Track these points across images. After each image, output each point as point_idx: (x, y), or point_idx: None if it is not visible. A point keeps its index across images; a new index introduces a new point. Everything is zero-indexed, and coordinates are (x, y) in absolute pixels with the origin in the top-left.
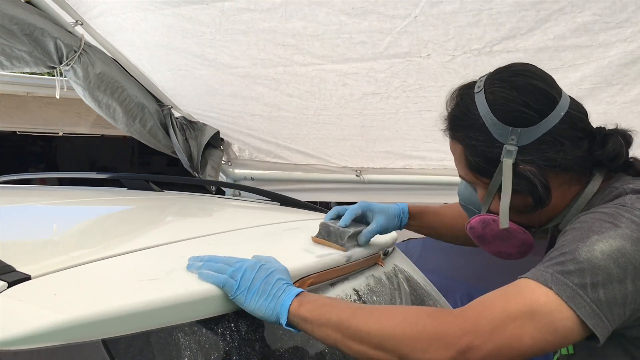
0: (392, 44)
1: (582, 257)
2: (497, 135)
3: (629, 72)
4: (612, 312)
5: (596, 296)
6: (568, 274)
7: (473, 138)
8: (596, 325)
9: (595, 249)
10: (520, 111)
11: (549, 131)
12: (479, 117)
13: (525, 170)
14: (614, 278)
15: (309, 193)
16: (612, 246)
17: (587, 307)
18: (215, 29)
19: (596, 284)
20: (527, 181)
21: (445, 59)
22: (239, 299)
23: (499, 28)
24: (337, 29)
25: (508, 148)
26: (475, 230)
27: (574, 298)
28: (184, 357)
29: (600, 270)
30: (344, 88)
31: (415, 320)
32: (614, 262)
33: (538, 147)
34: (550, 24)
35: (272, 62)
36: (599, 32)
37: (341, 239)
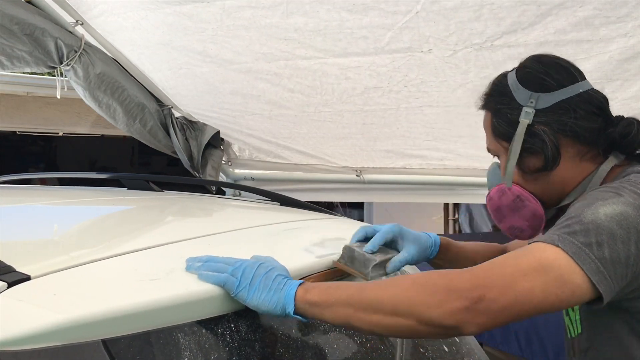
0: (393, 39)
1: (587, 219)
2: (518, 99)
3: (630, 68)
4: (615, 271)
5: (601, 254)
6: (574, 234)
7: (499, 102)
8: (600, 282)
9: (599, 211)
10: (541, 78)
11: (565, 99)
12: (506, 85)
13: (539, 129)
14: (618, 238)
15: (309, 193)
16: (615, 210)
17: (592, 263)
18: (216, 25)
19: (601, 242)
20: (539, 139)
21: (447, 53)
22: (241, 295)
23: (500, 23)
24: (338, 25)
25: (526, 110)
26: (493, 202)
27: (580, 254)
28: (184, 357)
29: (604, 230)
30: (346, 82)
31: (424, 281)
32: (617, 223)
33: (554, 111)
34: (551, 18)
35: (274, 56)
36: (600, 26)
37: (365, 267)
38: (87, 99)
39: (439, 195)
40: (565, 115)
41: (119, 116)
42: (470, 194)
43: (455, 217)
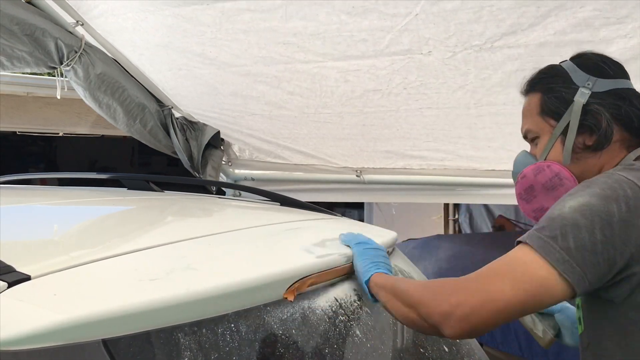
0: (393, 41)
1: (554, 214)
2: (575, 80)
3: (630, 69)
4: (583, 258)
5: (565, 244)
6: (542, 229)
7: (553, 82)
8: (567, 271)
9: (565, 205)
10: (599, 64)
11: (620, 88)
12: (561, 68)
13: (595, 108)
14: (582, 227)
15: (309, 193)
16: (580, 201)
17: (557, 253)
18: (215, 29)
19: (565, 234)
20: (594, 118)
21: (446, 55)
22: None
23: (500, 24)
24: (337, 28)
25: (583, 90)
26: (527, 179)
27: (545, 247)
28: (184, 357)
29: (567, 222)
30: (345, 85)
31: (428, 284)
32: (580, 214)
33: (610, 95)
34: (551, 19)
35: (273, 60)
36: (600, 27)
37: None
38: (87, 99)
39: (439, 196)
40: (619, 101)
41: (119, 116)
42: (470, 194)
43: (455, 217)
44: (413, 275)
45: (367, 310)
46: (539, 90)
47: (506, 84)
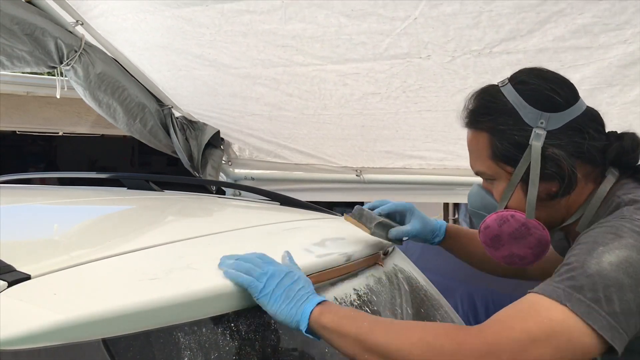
0: (391, 45)
1: (592, 270)
2: (526, 119)
3: (629, 74)
4: (628, 322)
5: (611, 308)
6: (580, 288)
7: (501, 123)
8: (614, 338)
9: (603, 260)
10: (549, 96)
11: (575, 119)
12: (507, 102)
13: (554, 153)
14: (626, 288)
15: (309, 193)
16: (619, 257)
17: (604, 320)
18: (214, 30)
19: (609, 296)
20: (556, 165)
21: (445, 59)
22: (262, 300)
23: (499, 30)
24: (336, 31)
25: (537, 132)
26: (491, 230)
27: (590, 313)
28: (184, 357)
29: (611, 282)
30: (344, 88)
31: (433, 340)
32: (624, 272)
33: (566, 132)
34: (550, 25)
35: (272, 63)
36: (599, 33)
37: (370, 223)
38: (87, 99)
39: (439, 195)
40: (577, 137)
41: (119, 116)
42: None
43: (455, 217)
44: (413, 276)
45: (367, 310)
46: (485, 129)
47: None
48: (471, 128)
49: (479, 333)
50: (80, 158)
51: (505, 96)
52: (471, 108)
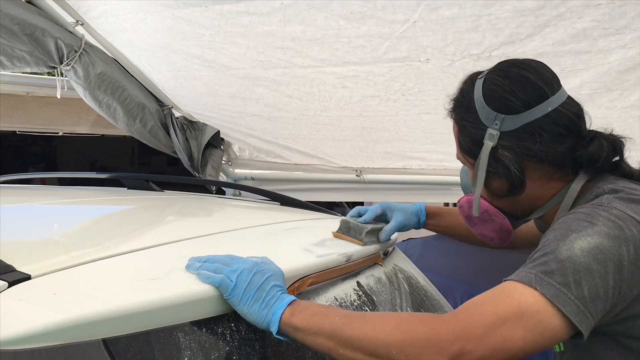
0: (390, 48)
1: (562, 256)
2: (483, 118)
3: (629, 78)
4: (595, 307)
5: (580, 293)
6: (551, 273)
7: (465, 119)
8: (581, 322)
9: (574, 247)
10: (506, 98)
11: (530, 122)
12: (472, 100)
13: (503, 155)
14: (595, 274)
15: (309, 193)
16: (591, 243)
17: (572, 304)
18: (214, 32)
19: (579, 280)
20: (503, 166)
21: (445, 63)
22: (233, 300)
23: (498, 34)
24: (336, 34)
25: (490, 132)
26: (463, 210)
27: (559, 296)
28: (184, 357)
29: (581, 267)
30: (343, 90)
31: (407, 327)
32: (594, 258)
33: (518, 135)
34: (550, 29)
35: (271, 64)
36: (599, 38)
37: (359, 234)
38: (87, 99)
39: (439, 195)
40: (529, 140)
41: (119, 116)
42: None
43: None
44: (413, 276)
45: (367, 310)
46: (455, 121)
47: None
48: (449, 116)
49: (452, 317)
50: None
51: (474, 92)
52: (453, 96)
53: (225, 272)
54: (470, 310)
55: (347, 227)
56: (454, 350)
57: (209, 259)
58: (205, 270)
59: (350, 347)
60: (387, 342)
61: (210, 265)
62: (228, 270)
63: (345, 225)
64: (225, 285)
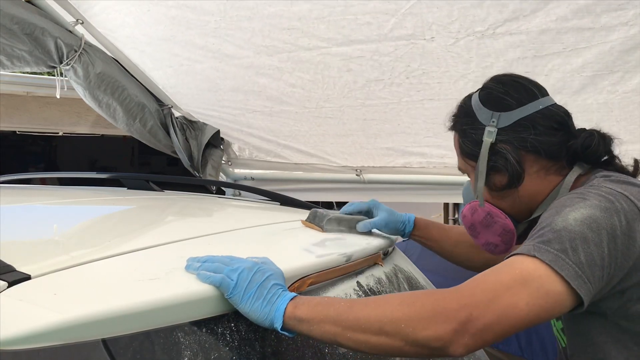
0: (396, 25)
1: (558, 226)
2: (481, 119)
3: (630, 59)
4: (593, 273)
5: (577, 258)
6: (548, 242)
7: (464, 123)
8: (580, 286)
9: (569, 217)
10: (501, 98)
11: (525, 117)
12: (470, 106)
13: (502, 147)
14: (591, 241)
15: (309, 193)
16: (584, 214)
17: (570, 268)
18: (220, 17)
19: (575, 247)
20: (502, 157)
21: (449, 42)
22: (234, 299)
23: (502, 9)
24: (342, 11)
25: (489, 129)
26: (467, 219)
27: (557, 261)
28: (184, 357)
29: (576, 235)
30: (347, 74)
31: (412, 301)
32: (588, 227)
33: (514, 129)
34: (553, 4)
35: (276, 49)
36: (601, 13)
37: (321, 221)
38: (87, 99)
39: (439, 195)
40: (525, 132)
41: (119, 116)
42: None
43: (455, 216)
44: (413, 276)
45: None
46: (456, 130)
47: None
48: (450, 130)
49: (456, 289)
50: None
51: (471, 101)
52: (452, 114)
53: (226, 271)
54: (473, 282)
55: (314, 215)
56: (461, 317)
57: (208, 259)
58: (205, 270)
59: (357, 330)
60: (394, 318)
61: (210, 265)
62: (228, 270)
63: (313, 213)
64: (226, 284)
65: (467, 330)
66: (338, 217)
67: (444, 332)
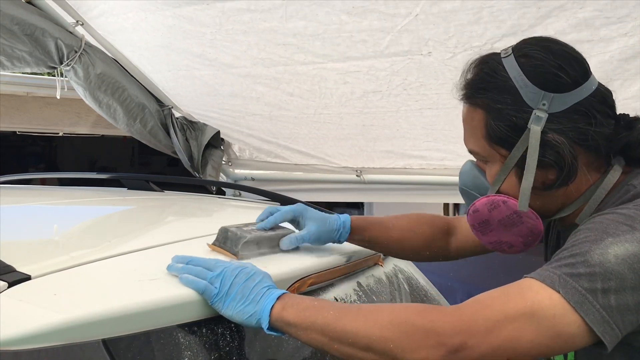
0: (392, 42)
1: (594, 260)
2: (527, 99)
3: (630, 68)
4: (623, 319)
5: (607, 302)
6: (578, 277)
7: (499, 101)
8: (604, 333)
9: (609, 252)
10: (555, 74)
11: (581, 101)
12: (508, 79)
13: (555, 139)
14: (628, 284)
15: (309, 193)
16: (628, 250)
17: (597, 313)
18: (215, 29)
19: (607, 289)
20: (555, 152)
21: (446, 56)
22: (217, 305)
23: (500, 25)
24: (337, 28)
25: (538, 114)
26: (480, 214)
27: (583, 303)
28: (184, 357)
29: (613, 276)
30: (344, 86)
31: (403, 320)
32: (629, 267)
33: (570, 116)
34: (551, 20)
35: (272, 62)
36: (600, 27)
37: (235, 246)
38: (87, 99)
39: (439, 195)
40: (582, 122)
41: (119, 116)
42: None
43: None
44: (413, 276)
45: None
46: (481, 106)
47: None
48: (467, 103)
49: (455, 310)
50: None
51: (507, 70)
52: (469, 78)
53: (208, 277)
54: (476, 305)
55: (224, 237)
56: (454, 343)
57: (191, 261)
58: (188, 274)
59: (344, 343)
60: (382, 336)
61: (192, 269)
62: (211, 276)
63: (222, 234)
64: (208, 291)
65: (459, 358)
66: (256, 238)
67: (433, 358)
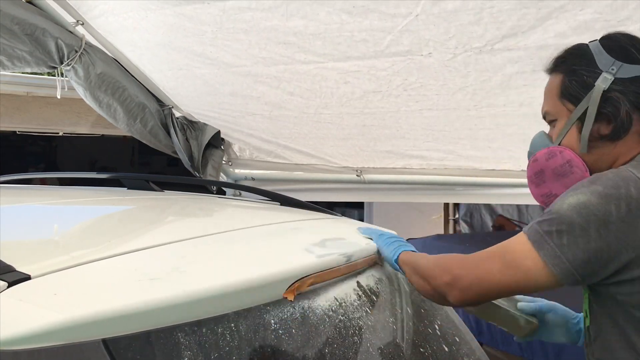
0: (393, 42)
1: (554, 209)
2: (599, 63)
3: None
4: (574, 255)
5: (559, 241)
6: (541, 223)
7: (576, 64)
8: (555, 265)
9: (565, 202)
10: (626, 48)
11: None
12: (587, 49)
13: (614, 96)
14: (576, 226)
15: (310, 193)
16: (579, 200)
17: (549, 248)
18: (216, 28)
19: (561, 231)
20: (613, 106)
21: (447, 57)
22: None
23: (500, 26)
24: (338, 28)
25: (605, 75)
26: (537, 163)
27: (538, 241)
28: (184, 357)
29: (564, 220)
30: (345, 86)
31: (439, 259)
32: (577, 213)
33: (633, 82)
34: (551, 22)
35: (273, 61)
36: (600, 30)
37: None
38: (87, 99)
39: (439, 195)
40: None
41: (119, 116)
42: (470, 193)
43: (455, 217)
44: None
45: (367, 309)
46: (561, 71)
47: (506, 86)
48: (551, 73)
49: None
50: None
51: (589, 46)
52: (556, 56)
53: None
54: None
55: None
56: (454, 273)
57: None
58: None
59: (416, 272)
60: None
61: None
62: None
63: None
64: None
65: (456, 285)
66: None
67: (442, 282)
